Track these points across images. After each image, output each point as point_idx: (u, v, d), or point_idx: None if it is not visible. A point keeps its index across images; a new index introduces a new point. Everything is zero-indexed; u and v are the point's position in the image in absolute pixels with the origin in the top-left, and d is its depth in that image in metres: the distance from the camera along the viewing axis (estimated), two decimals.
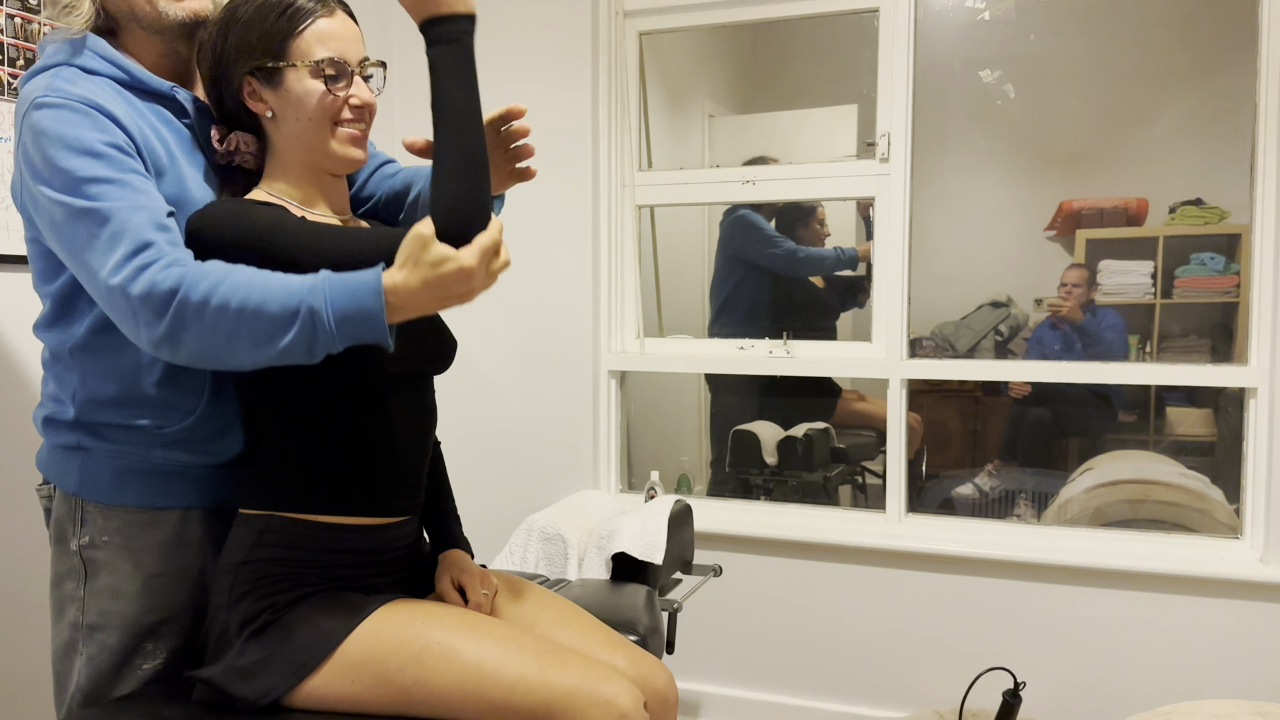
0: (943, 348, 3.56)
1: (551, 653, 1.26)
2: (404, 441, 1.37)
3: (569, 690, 1.21)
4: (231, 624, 1.28)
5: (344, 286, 1.16)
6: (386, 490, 1.35)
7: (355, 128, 1.34)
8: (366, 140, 1.37)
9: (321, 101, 1.30)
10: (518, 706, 1.21)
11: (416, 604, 1.31)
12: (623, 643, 1.43)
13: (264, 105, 1.31)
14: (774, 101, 3.71)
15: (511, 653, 1.24)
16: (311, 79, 1.29)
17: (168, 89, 1.33)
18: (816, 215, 3.42)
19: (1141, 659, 2.41)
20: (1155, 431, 3.37)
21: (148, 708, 1.28)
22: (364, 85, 1.34)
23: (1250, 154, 2.39)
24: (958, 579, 2.54)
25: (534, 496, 2.88)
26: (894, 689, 2.61)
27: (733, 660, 2.75)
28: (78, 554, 1.34)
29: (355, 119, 1.34)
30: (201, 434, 1.36)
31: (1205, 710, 1.59)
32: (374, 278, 1.16)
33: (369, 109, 1.35)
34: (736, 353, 2.80)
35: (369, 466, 1.33)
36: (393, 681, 1.23)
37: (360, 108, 1.34)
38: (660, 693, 1.40)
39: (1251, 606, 2.32)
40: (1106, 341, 3.28)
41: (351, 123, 1.33)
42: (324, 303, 1.15)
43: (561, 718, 1.20)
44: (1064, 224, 3.52)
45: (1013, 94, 3.37)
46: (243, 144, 1.36)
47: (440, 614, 1.28)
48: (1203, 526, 2.73)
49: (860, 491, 3.62)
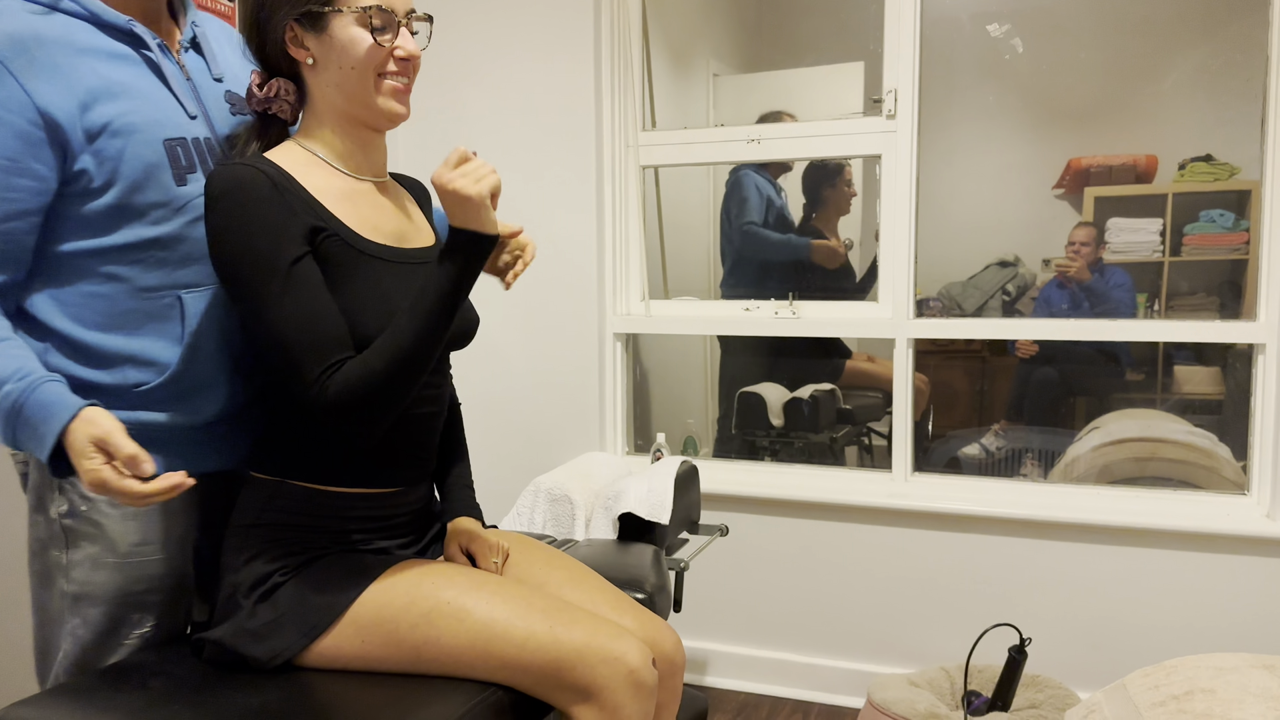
0: (949, 308, 3.55)
1: (561, 611, 1.26)
2: (414, 416, 1.36)
3: (578, 647, 1.22)
4: (241, 585, 1.28)
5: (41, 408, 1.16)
6: (396, 463, 1.36)
7: (399, 80, 1.31)
8: (409, 95, 1.34)
9: (367, 51, 1.27)
10: (528, 664, 1.22)
11: (426, 565, 1.32)
12: (631, 604, 1.43)
13: (306, 52, 1.29)
14: (779, 59, 3.66)
15: (521, 611, 1.24)
16: (357, 27, 1.26)
17: (124, 23, 1.29)
18: (844, 176, 3.39)
19: (1147, 615, 2.42)
20: (1163, 390, 3.36)
21: (150, 672, 1.30)
22: (410, 37, 1.31)
23: (1261, 107, 2.36)
24: (964, 537, 2.55)
25: (541, 458, 2.89)
26: (900, 646, 2.63)
27: (740, 619, 2.77)
28: (58, 522, 1.31)
29: (399, 71, 1.31)
30: (175, 393, 1.32)
31: (1210, 663, 1.60)
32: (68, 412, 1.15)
33: (414, 62, 1.32)
34: (742, 314, 2.79)
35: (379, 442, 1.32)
36: (404, 641, 1.24)
37: (406, 60, 1.30)
38: (668, 655, 1.40)
39: (1258, 562, 2.32)
40: (1114, 300, 3.26)
41: (396, 75, 1.30)
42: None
43: (571, 674, 1.21)
44: (1072, 182, 3.49)
45: (1021, 48, 3.32)
46: (283, 90, 1.33)
47: (450, 574, 1.29)
48: (1210, 484, 2.73)
49: (866, 453, 3.62)
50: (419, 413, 1.36)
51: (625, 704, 1.22)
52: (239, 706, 1.18)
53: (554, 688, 1.23)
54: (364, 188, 1.36)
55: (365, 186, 1.36)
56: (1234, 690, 1.47)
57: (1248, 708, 1.41)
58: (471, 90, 2.89)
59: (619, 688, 1.21)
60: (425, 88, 2.94)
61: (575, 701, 1.23)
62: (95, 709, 1.18)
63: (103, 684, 1.25)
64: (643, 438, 3.06)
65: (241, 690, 1.22)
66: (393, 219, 1.38)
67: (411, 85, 1.34)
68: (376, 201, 1.37)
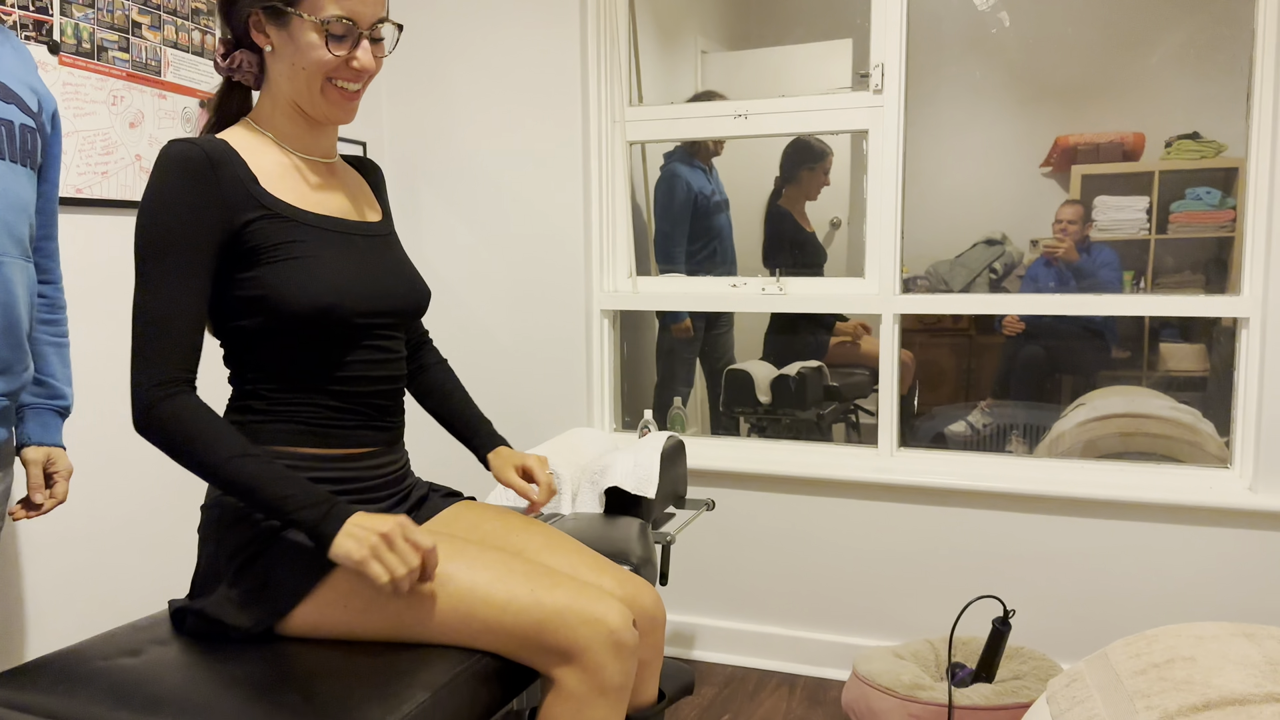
0: (936, 286, 3.55)
1: (542, 575, 1.27)
2: (370, 382, 1.38)
3: (559, 609, 1.23)
4: (220, 556, 1.28)
5: None
6: (360, 423, 1.38)
7: (349, 86, 1.35)
8: (357, 100, 1.38)
9: (320, 57, 1.31)
10: (510, 627, 1.23)
11: None
12: (609, 565, 1.44)
13: (265, 39, 1.33)
14: (768, 36, 3.65)
15: (502, 575, 1.25)
16: (315, 33, 1.30)
17: None
18: (825, 163, 3.39)
19: (1131, 586, 2.44)
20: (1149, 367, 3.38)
21: (130, 647, 1.29)
22: (369, 48, 1.34)
23: (1247, 83, 2.36)
24: (949, 511, 2.56)
25: (528, 434, 2.89)
26: (885, 619, 2.64)
27: (726, 593, 2.78)
28: None
29: (350, 79, 1.34)
30: None
31: (1191, 632, 1.61)
32: None
33: (367, 73, 1.35)
34: (729, 290, 2.79)
35: (336, 407, 1.35)
36: (385, 606, 1.24)
37: (359, 71, 1.34)
38: (648, 611, 1.42)
39: (1239, 534, 2.34)
40: (1101, 278, 3.27)
41: (346, 81, 1.34)
42: None
43: (553, 636, 1.22)
44: (1060, 159, 3.49)
45: (1008, 22, 3.31)
46: (245, 62, 1.38)
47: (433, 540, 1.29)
48: (1193, 459, 2.74)
49: (854, 430, 3.63)
50: (375, 375, 1.39)
51: (607, 664, 1.22)
52: (224, 676, 1.18)
53: (536, 650, 1.23)
54: (309, 165, 1.40)
55: (310, 164, 1.41)
56: (1214, 658, 1.49)
57: (1227, 674, 1.42)
58: (457, 64, 2.87)
59: (600, 648, 1.22)
60: (412, 63, 2.91)
61: (557, 663, 1.23)
62: (79, 684, 1.18)
63: (82, 660, 1.24)
64: (630, 414, 3.06)
65: (226, 661, 1.22)
66: (337, 195, 1.42)
67: (362, 91, 1.38)
68: (322, 179, 1.41)
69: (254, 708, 1.10)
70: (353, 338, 1.35)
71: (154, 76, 2.13)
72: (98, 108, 2.00)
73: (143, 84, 2.10)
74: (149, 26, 2.11)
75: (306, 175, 1.39)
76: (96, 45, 1.99)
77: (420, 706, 1.13)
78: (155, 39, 2.13)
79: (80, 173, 1.97)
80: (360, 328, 1.35)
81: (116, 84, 2.04)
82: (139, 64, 2.09)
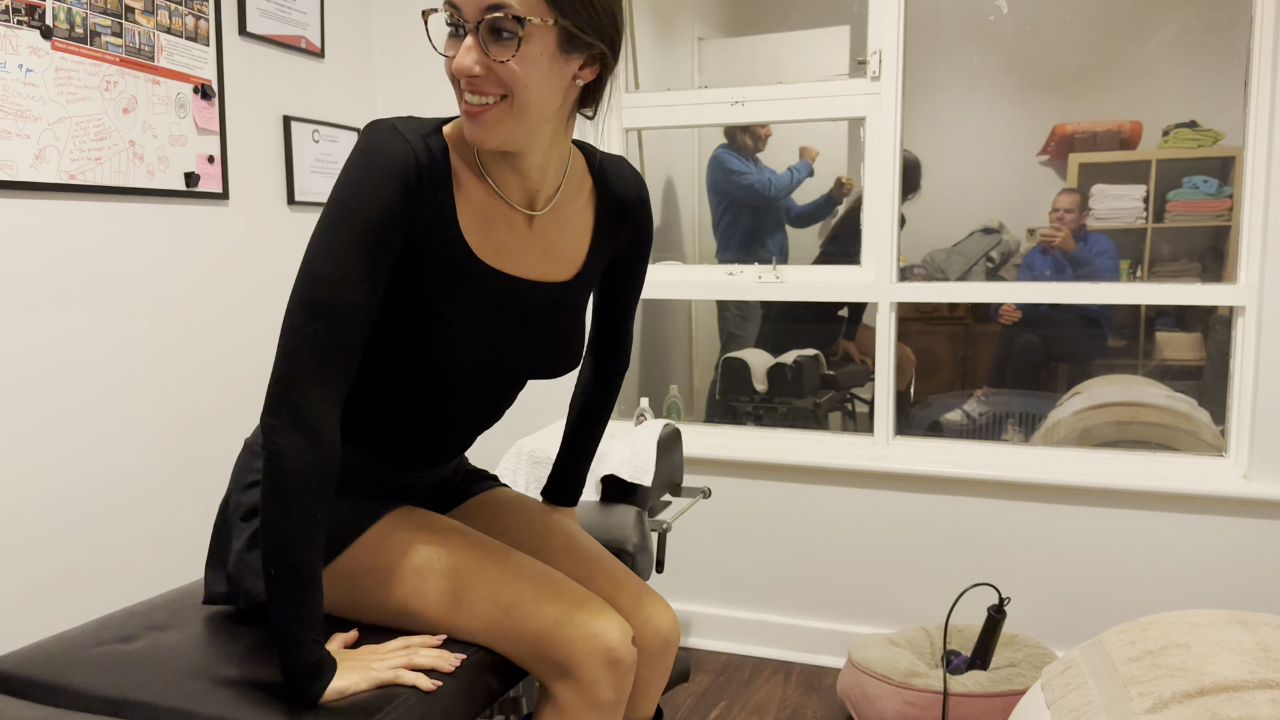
0: (934, 274, 3.55)
1: (548, 581, 1.24)
2: (459, 425, 1.32)
3: (560, 620, 1.20)
4: (241, 506, 1.27)
5: None
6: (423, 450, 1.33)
7: (469, 99, 1.11)
8: (488, 118, 1.11)
9: (444, 58, 1.12)
10: (509, 631, 1.21)
11: (424, 518, 1.29)
12: (629, 579, 1.40)
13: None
14: (765, 23, 3.63)
15: (510, 577, 1.23)
16: (440, 28, 1.17)
17: None
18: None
19: (1126, 574, 2.45)
20: (1145, 356, 3.39)
21: (145, 618, 1.29)
22: (472, 46, 1.08)
23: (1245, 70, 2.35)
24: (945, 499, 2.56)
25: (524, 421, 2.89)
26: (881, 606, 2.65)
27: (722, 581, 2.78)
28: None
29: (465, 88, 1.11)
30: None
31: (1186, 619, 1.62)
32: None
33: (467, 76, 1.09)
34: (726, 278, 2.79)
35: (410, 433, 1.29)
36: (393, 592, 1.23)
37: (458, 71, 1.09)
38: (663, 633, 1.37)
39: (1234, 522, 2.35)
40: (1098, 267, 3.27)
41: (466, 91, 1.11)
42: None
43: (550, 648, 1.20)
44: (1057, 148, 3.49)
45: (1005, 9, 3.30)
46: None
47: (446, 531, 1.27)
48: (1189, 447, 2.75)
49: (850, 419, 3.63)
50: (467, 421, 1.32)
51: (601, 680, 1.20)
52: (220, 662, 1.18)
53: (532, 658, 1.21)
54: (509, 214, 1.24)
55: (512, 214, 1.24)
56: (1208, 645, 1.49)
57: (1221, 661, 1.43)
58: None
59: (596, 664, 1.19)
60: (405, 47, 2.90)
61: (553, 675, 1.21)
62: (73, 669, 1.18)
63: (77, 646, 1.24)
64: (626, 403, 3.06)
65: (223, 646, 1.22)
66: (532, 247, 1.26)
67: (495, 109, 1.11)
68: (519, 225, 1.25)
69: (250, 696, 1.10)
70: (465, 395, 1.28)
71: (147, 62, 2.12)
72: (91, 93, 1.99)
73: (136, 69, 2.09)
74: (142, 11, 2.09)
75: (500, 216, 1.23)
76: (89, 30, 1.98)
77: (417, 697, 1.13)
78: (149, 24, 2.11)
79: (74, 159, 1.96)
80: (478, 391, 1.29)
81: (109, 69, 2.03)
82: (132, 49, 2.08)
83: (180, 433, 2.25)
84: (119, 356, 2.10)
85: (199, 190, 2.26)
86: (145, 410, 2.16)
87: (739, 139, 3.42)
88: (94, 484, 2.06)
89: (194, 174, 2.24)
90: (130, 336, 2.12)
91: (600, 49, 1.16)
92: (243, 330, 2.42)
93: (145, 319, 2.15)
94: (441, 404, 1.27)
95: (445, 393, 1.25)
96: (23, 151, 1.86)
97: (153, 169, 2.14)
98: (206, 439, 2.32)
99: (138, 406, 2.14)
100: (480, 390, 1.29)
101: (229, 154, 2.36)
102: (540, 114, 1.14)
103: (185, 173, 2.22)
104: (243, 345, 2.42)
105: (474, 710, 1.22)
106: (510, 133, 1.13)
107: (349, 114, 2.81)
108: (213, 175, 2.30)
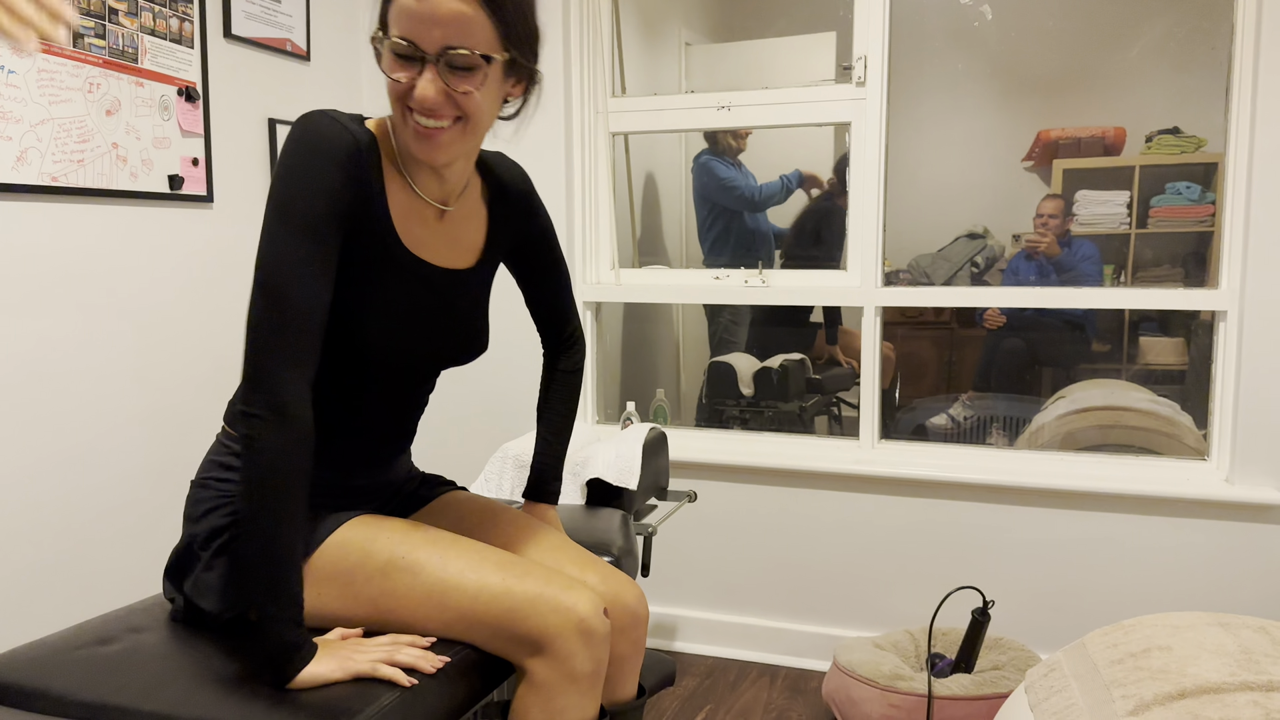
0: (919, 279, 3.56)
1: (514, 564, 1.27)
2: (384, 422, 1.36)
3: (530, 597, 1.22)
4: (198, 537, 1.28)
5: None
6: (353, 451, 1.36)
7: (421, 121, 1.18)
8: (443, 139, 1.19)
9: (390, 82, 1.18)
10: (482, 615, 1.23)
11: (383, 520, 1.31)
12: (593, 560, 1.44)
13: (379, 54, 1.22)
14: (751, 28, 3.64)
15: (475, 564, 1.25)
16: (390, 53, 1.17)
17: None
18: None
19: (1109, 577, 2.46)
20: (1128, 361, 3.40)
21: (116, 633, 1.28)
22: (433, 78, 1.15)
23: (1227, 78, 2.37)
24: (929, 503, 2.57)
25: (508, 425, 2.88)
26: (866, 610, 2.65)
27: (708, 584, 2.78)
28: None
29: (419, 110, 1.17)
30: None
31: (1167, 622, 1.62)
32: None
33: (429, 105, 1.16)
34: (712, 283, 2.79)
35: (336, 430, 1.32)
36: (359, 594, 1.24)
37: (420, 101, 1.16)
38: (630, 606, 1.41)
39: (1216, 525, 2.36)
40: (1081, 272, 3.29)
41: (419, 114, 1.18)
42: None
43: (523, 625, 1.22)
44: (1041, 154, 3.50)
45: (990, 15, 3.32)
46: None
47: (405, 529, 1.29)
48: (1172, 451, 2.76)
49: (836, 422, 3.64)
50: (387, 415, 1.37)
51: (576, 651, 1.22)
52: (199, 666, 1.17)
53: (507, 640, 1.23)
54: (423, 208, 1.31)
55: (426, 209, 1.31)
56: (1190, 647, 1.50)
57: (1203, 663, 1.43)
58: None
59: (570, 635, 1.21)
60: None
61: (528, 654, 1.23)
62: (52, 674, 1.17)
63: (55, 650, 1.23)
64: (613, 407, 3.06)
65: (201, 650, 1.21)
66: (439, 233, 1.34)
67: (448, 133, 1.19)
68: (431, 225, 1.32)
69: (229, 698, 1.10)
70: (387, 384, 1.33)
71: (131, 64, 2.11)
72: (73, 95, 1.98)
73: (119, 71, 2.08)
74: (125, 13, 2.09)
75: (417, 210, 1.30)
76: (72, 31, 1.97)
77: (398, 698, 1.12)
78: (132, 25, 2.10)
79: (56, 160, 1.94)
80: (398, 380, 1.33)
81: (93, 71, 2.02)
82: (115, 51, 2.07)
83: (162, 436, 2.24)
84: (101, 359, 2.08)
85: (183, 193, 2.25)
86: (127, 414, 2.15)
87: (722, 141, 3.43)
88: (75, 487, 2.04)
89: (178, 177, 2.24)
90: (113, 339, 2.11)
91: (533, 71, 1.28)
92: (226, 334, 2.41)
93: (128, 322, 2.14)
94: (367, 393, 1.32)
95: (369, 382, 1.31)
96: (4, 153, 1.85)
97: (136, 171, 2.13)
98: (188, 443, 2.31)
99: (119, 410, 2.13)
100: (401, 379, 1.34)
101: (213, 157, 2.35)
102: (484, 132, 1.25)
103: (169, 175, 2.21)
104: (226, 349, 2.41)
105: (457, 711, 1.22)
106: (460, 151, 1.23)
107: None
108: (197, 178, 2.29)
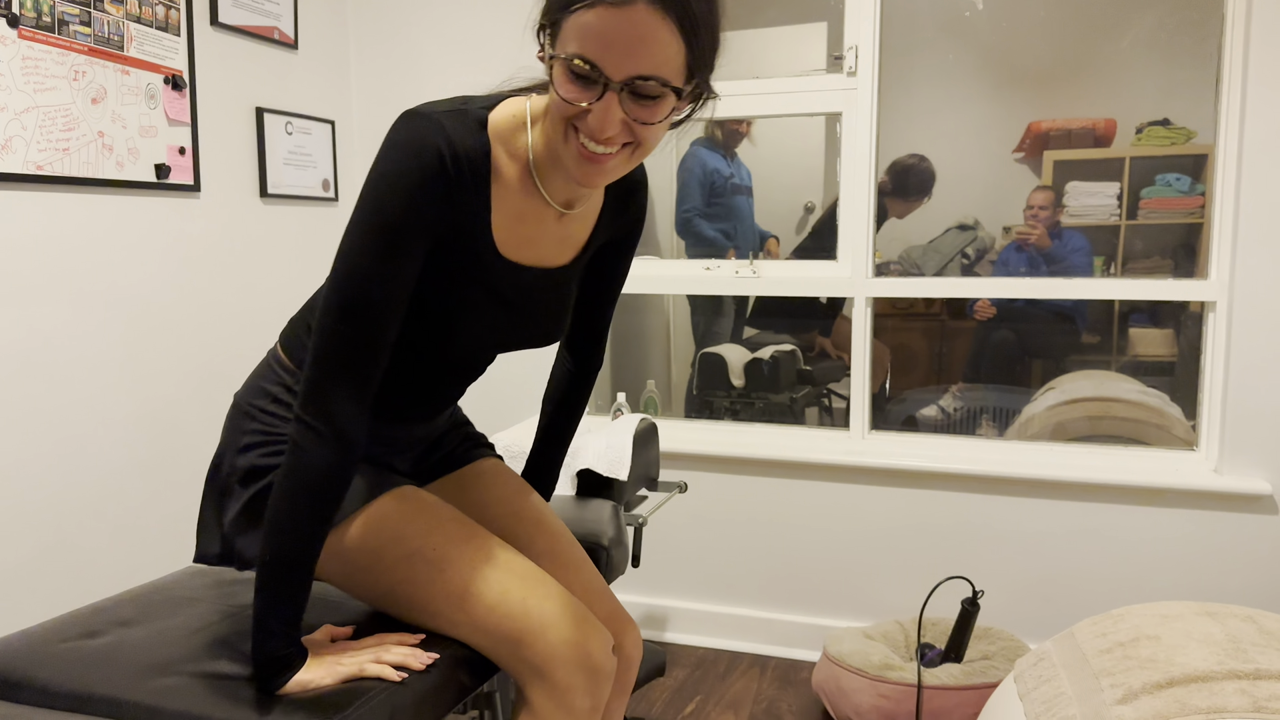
0: (909, 271, 3.56)
1: (539, 582, 1.23)
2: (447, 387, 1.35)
3: (545, 622, 1.19)
4: (238, 469, 1.25)
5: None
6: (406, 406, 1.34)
7: (589, 145, 1.09)
8: (609, 165, 1.11)
9: (561, 100, 1.08)
10: (494, 627, 1.20)
11: (423, 504, 1.27)
12: (603, 590, 1.40)
13: (543, 56, 1.13)
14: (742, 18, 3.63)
15: (500, 574, 1.22)
16: (561, 69, 1.07)
17: None
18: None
19: (1098, 567, 2.47)
20: (1118, 352, 3.41)
21: (87, 632, 1.28)
22: (614, 105, 1.06)
23: (1217, 69, 2.37)
24: (919, 493, 2.57)
25: (499, 416, 2.88)
26: (856, 600, 2.66)
27: (698, 575, 2.78)
28: None
29: (588, 134, 1.09)
30: None
31: (1155, 611, 1.63)
32: None
33: (607, 135, 1.07)
34: (703, 273, 2.78)
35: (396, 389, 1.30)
36: (381, 576, 1.22)
37: (598, 131, 1.07)
38: (625, 651, 1.38)
39: (1204, 515, 2.37)
40: (1072, 264, 3.29)
41: (586, 137, 1.09)
42: None
43: (532, 647, 1.19)
44: (1032, 145, 3.50)
45: (981, 5, 3.32)
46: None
47: (444, 518, 1.25)
48: (1161, 442, 2.77)
49: (826, 414, 3.64)
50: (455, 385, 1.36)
51: (577, 686, 1.19)
52: (187, 656, 1.16)
53: (512, 656, 1.20)
54: (543, 210, 1.24)
55: (546, 210, 1.25)
56: (1178, 636, 1.50)
57: (1190, 652, 1.44)
58: (427, 40, 2.84)
59: (575, 669, 1.19)
60: (381, 37, 2.88)
61: (530, 676, 1.20)
62: (37, 666, 1.16)
63: (40, 642, 1.22)
64: (603, 398, 3.05)
65: (190, 639, 1.21)
66: (549, 238, 1.28)
67: (609, 156, 1.10)
68: (547, 222, 1.26)
69: (215, 689, 1.09)
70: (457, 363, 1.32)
71: (117, 52, 2.09)
72: (59, 83, 1.96)
73: (105, 59, 2.06)
74: (111, 0, 2.07)
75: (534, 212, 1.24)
76: (57, 19, 1.95)
77: (387, 690, 1.12)
78: (118, 13, 2.09)
79: (41, 149, 1.93)
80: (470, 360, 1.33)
81: (78, 59, 2.00)
82: (101, 39, 2.05)
83: (150, 427, 2.23)
84: (88, 349, 2.07)
85: (170, 182, 2.24)
86: (114, 404, 2.13)
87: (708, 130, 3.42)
88: (63, 478, 2.03)
89: (165, 166, 2.22)
90: (100, 329, 2.09)
91: (712, 92, 1.17)
92: (214, 323, 2.40)
93: (115, 311, 2.13)
94: (433, 372, 1.30)
95: (440, 366, 1.29)
96: None
97: (122, 160, 2.11)
98: (177, 433, 2.30)
99: (107, 400, 2.12)
100: (472, 362, 1.34)
101: (200, 146, 2.33)
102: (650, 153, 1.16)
103: (156, 164, 2.20)
104: (215, 338, 2.40)
105: (445, 705, 1.22)
106: (621, 172, 1.15)
107: (322, 106, 2.78)
108: (184, 167, 2.27)
